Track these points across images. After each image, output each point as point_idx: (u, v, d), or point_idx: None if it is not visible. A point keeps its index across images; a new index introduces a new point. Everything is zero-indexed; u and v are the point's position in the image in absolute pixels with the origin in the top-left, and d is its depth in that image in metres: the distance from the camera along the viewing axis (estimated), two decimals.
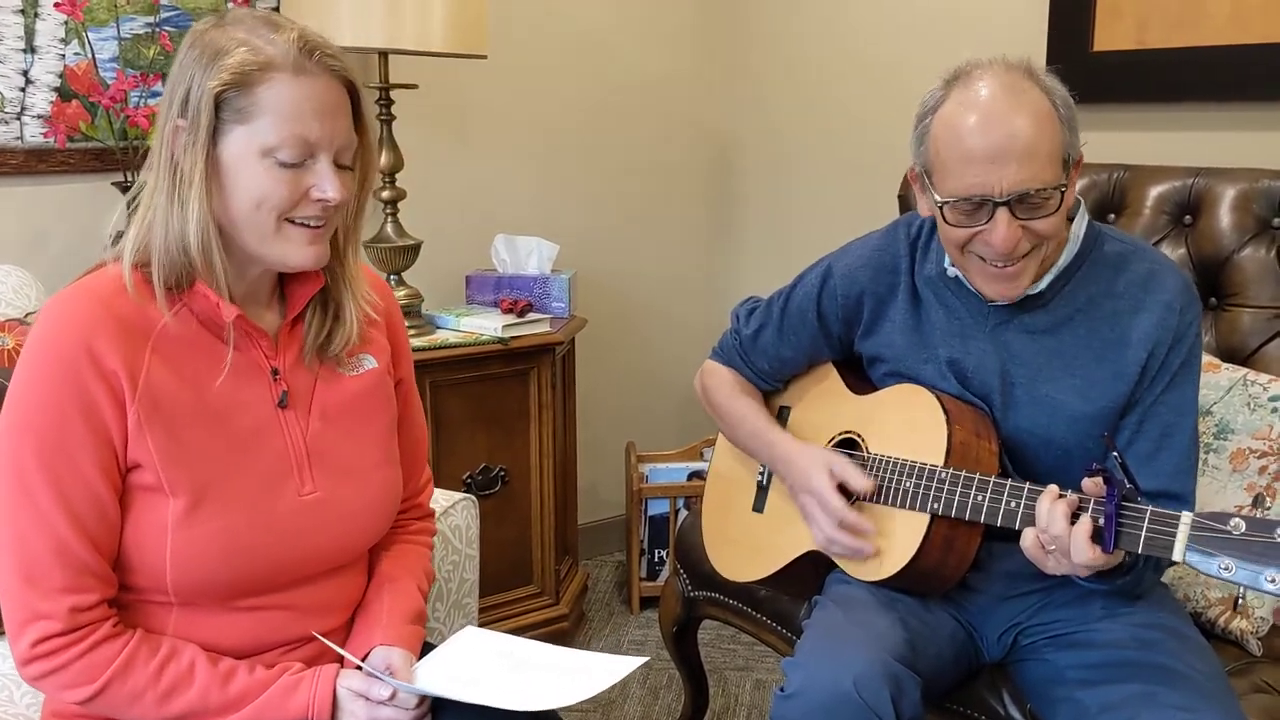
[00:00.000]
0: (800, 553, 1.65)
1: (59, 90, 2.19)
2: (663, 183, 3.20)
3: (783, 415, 1.78)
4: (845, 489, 1.55)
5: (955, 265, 1.50)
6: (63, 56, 2.18)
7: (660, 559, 2.93)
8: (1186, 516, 1.20)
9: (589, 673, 1.26)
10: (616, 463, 3.18)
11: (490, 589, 2.46)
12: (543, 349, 2.51)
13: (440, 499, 1.75)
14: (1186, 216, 1.93)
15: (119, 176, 2.18)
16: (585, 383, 2.95)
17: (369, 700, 1.21)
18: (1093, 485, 1.27)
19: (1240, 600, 1.20)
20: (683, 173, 3.24)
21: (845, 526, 1.52)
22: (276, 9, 2.42)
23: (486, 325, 2.45)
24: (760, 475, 1.78)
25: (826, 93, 2.95)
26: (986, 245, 1.39)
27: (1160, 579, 1.52)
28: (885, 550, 1.51)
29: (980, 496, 1.41)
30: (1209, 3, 2.10)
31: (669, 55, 3.14)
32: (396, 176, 2.41)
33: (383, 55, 2.32)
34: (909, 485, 1.49)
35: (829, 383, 1.73)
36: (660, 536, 2.91)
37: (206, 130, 1.14)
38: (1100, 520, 1.25)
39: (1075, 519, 1.28)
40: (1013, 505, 1.38)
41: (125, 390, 1.14)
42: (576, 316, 2.72)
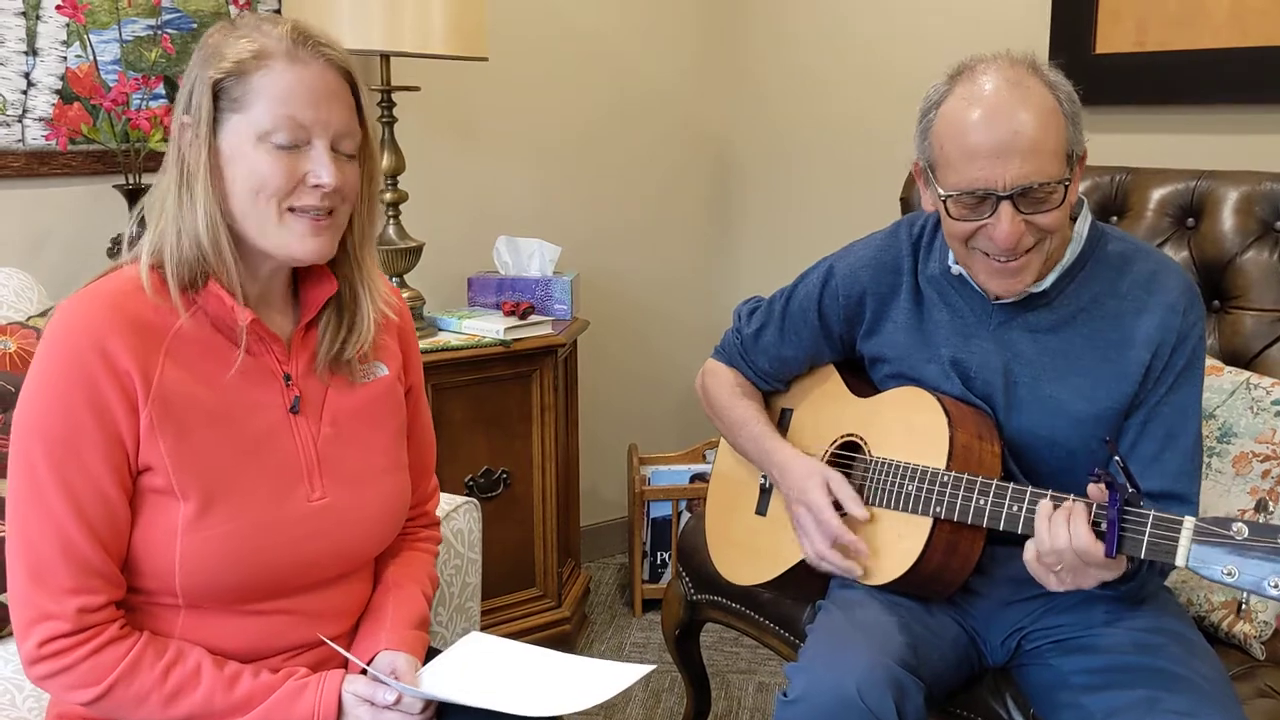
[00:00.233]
0: (803, 557, 1.65)
1: (60, 93, 2.19)
2: (664, 185, 3.20)
3: (784, 417, 1.77)
4: (839, 506, 1.54)
5: (959, 261, 1.50)
6: (64, 59, 2.18)
7: (663, 561, 2.93)
8: (1189, 521, 1.19)
9: (594, 680, 1.26)
10: (619, 465, 3.18)
11: (492, 592, 2.46)
12: (545, 351, 2.51)
13: (442, 502, 1.75)
14: (1189, 219, 1.92)
15: (120, 179, 2.18)
16: (587, 385, 2.95)
17: (374, 705, 1.21)
18: (1097, 491, 1.27)
19: (1244, 605, 1.20)
20: (684, 175, 3.23)
21: (838, 545, 1.52)
22: (278, 11, 2.42)
23: (488, 327, 2.44)
24: (763, 478, 1.77)
25: (827, 96, 2.94)
26: (990, 240, 1.39)
27: (1164, 583, 1.52)
28: (888, 555, 1.51)
29: (983, 500, 1.41)
30: (1210, 5, 2.10)
31: (670, 58, 3.14)
32: (398, 179, 2.41)
33: (384, 58, 2.33)
34: (911, 489, 1.49)
35: (830, 385, 1.72)
36: (662, 539, 2.91)
37: (207, 122, 1.17)
38: (1102, 525, 1.25)
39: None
40: (1015, 509, 1.38)
41: (138, 392, 1.15)
42: (579, 318, 2.71)
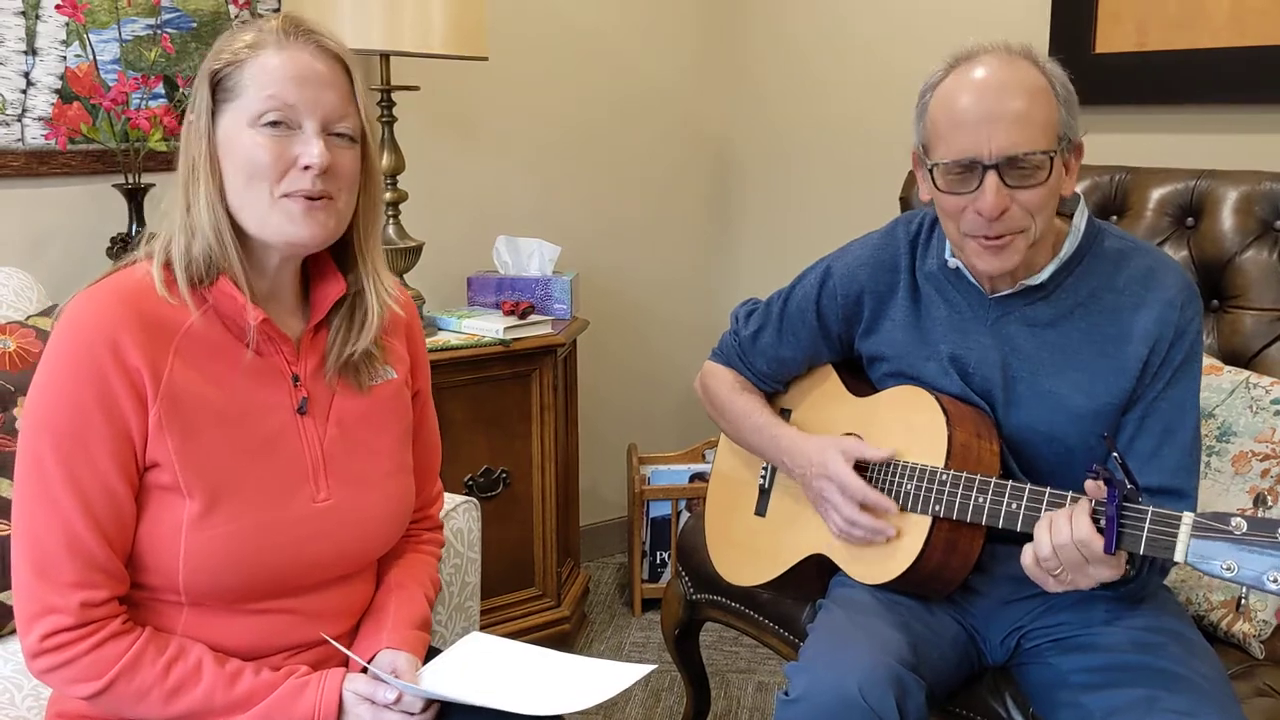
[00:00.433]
0: (803, 556, 1.65)
1: (60, 92, 2.19)
2: (664, 184, 3.20)
3: (783, 418, 1.77)
4: (859, 470, 1.54)
5: (952, 244, 1.51)
6: (64, 58, 2.18)
7: (662, 561, 2.93)
8: (1188, 517, 1.19)
9: (595, 679, 1.26)
10: (618, 464, 3.18)
11: (492, 591, 2.46)
12: (544, 351, 2.51)
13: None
14: (1189, 219, 1.93)
15: (120, 178, 2.18)
16: (587, 384, 2.95)
17: (374, 703, 1.21)
18: (1095, 488, 1.27)
19: (1243, 600, 1.19)
20: (684, 174, 3.24)
21: (867, 507, 1.52)
22: (278, 10, 2.42)
23: (488, 327, 2.44)
24: (762, 479, 1.78)
25: (827, 96, 2.95)
26: (975, 214, 1.40)
27: (1163, 582, 1.52)
28: (888, 553, 1.51)
29: (981, 498, 1.41)
30: (1210, 5, 2.10)
31: (670, 57, 3.14)
32: (398, 178, 2.41)
33: (384, 57, 2.33)
34: (910, 488, 1.49)
35: (829, 385, 1.73)
36: (662, 538, 2.91)
37: (205, 114, 1.19)
38: (1101, 522, 1.25)
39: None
40: (1014, 506, 1.38)
41: (147, 388, 1.15)
42: (578, 318, 2.71)
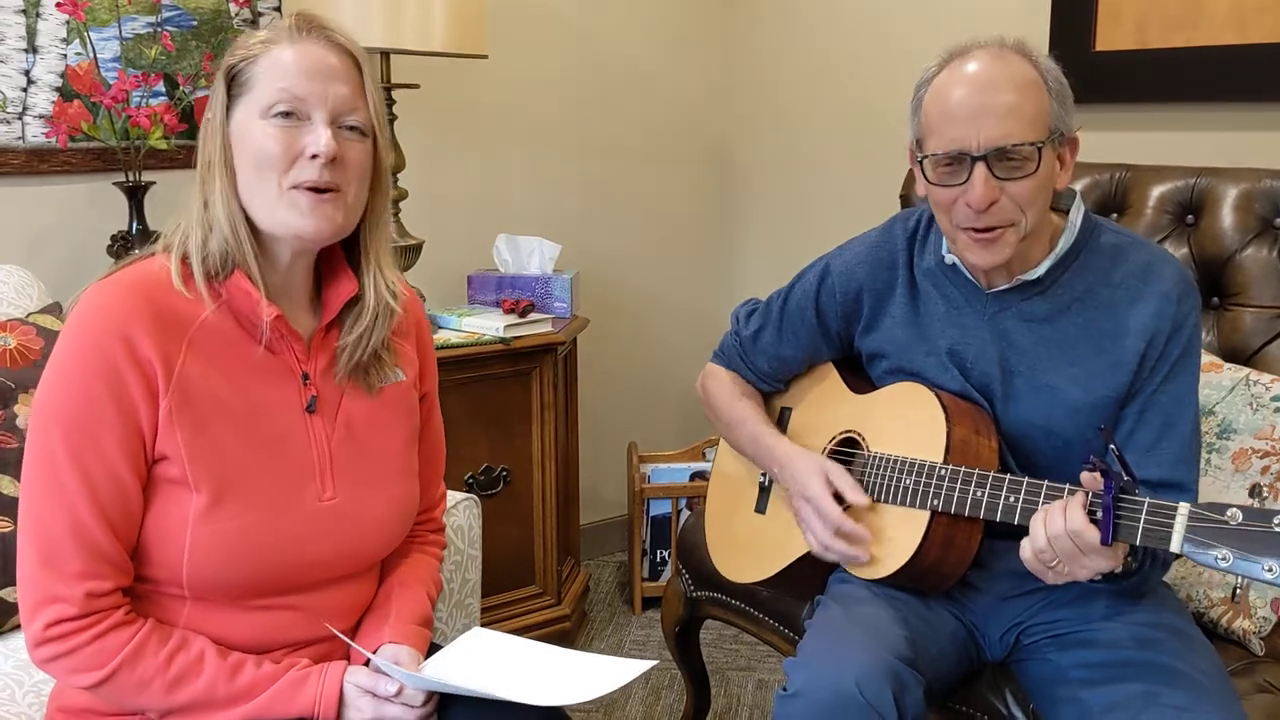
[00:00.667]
0: (802, 554, 1.65)
1: (61, 90, 2.19)
2: (665, 182, 3.20)
3: (784, 416, 1.78)
4: (840, 497, 1.54)
5: (947, 238, 1.51)
6: (64, 56, 2.19)
7: (662, 559, 2.93)
8: (1184, 507, 1.19)
9: (597, 673, 1.26)
10: (618, 463, 3.18)
11: (492, 589, 2.45)
12: (545, 349, 2.51)
13: None
14: (1189, 216, 1.93)
15: (121, 177, 2.18)
16: (587, 383, 2.95)
17: (376, 696, 1.22)
18: (1090, 480, 1.27)
19: (1238, 590, 1.19)
20: (685, 172, 3.24)
21: (841, 534, 1.52)
22: (278, 9, 2.43)
23: (488, 325, 2.45)
24: (762, 477, 1.78)
25: (831, 96, 2.95)
26: (965, 207, 1.40)
27: (1164, 577, 1.52)
28: (886, 548, 1.51)
29: (979, 492, 1.42)
30: (1210, 3, 2.10)
31: (672, 57, 3.14)
32: (398, 176, 2.41)
33: (384, 55, 2.33)
34: (908, 482, 1.49)
35: (829, 383, 1.73)
36: (662, 536, 2.91)
37: (221, 108, 1.21)
38: (1098, 513, 1.25)
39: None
40: (1012, 500, 1.38)
41: (159, 381, 1.16)
42: (578, 316, 2.72)
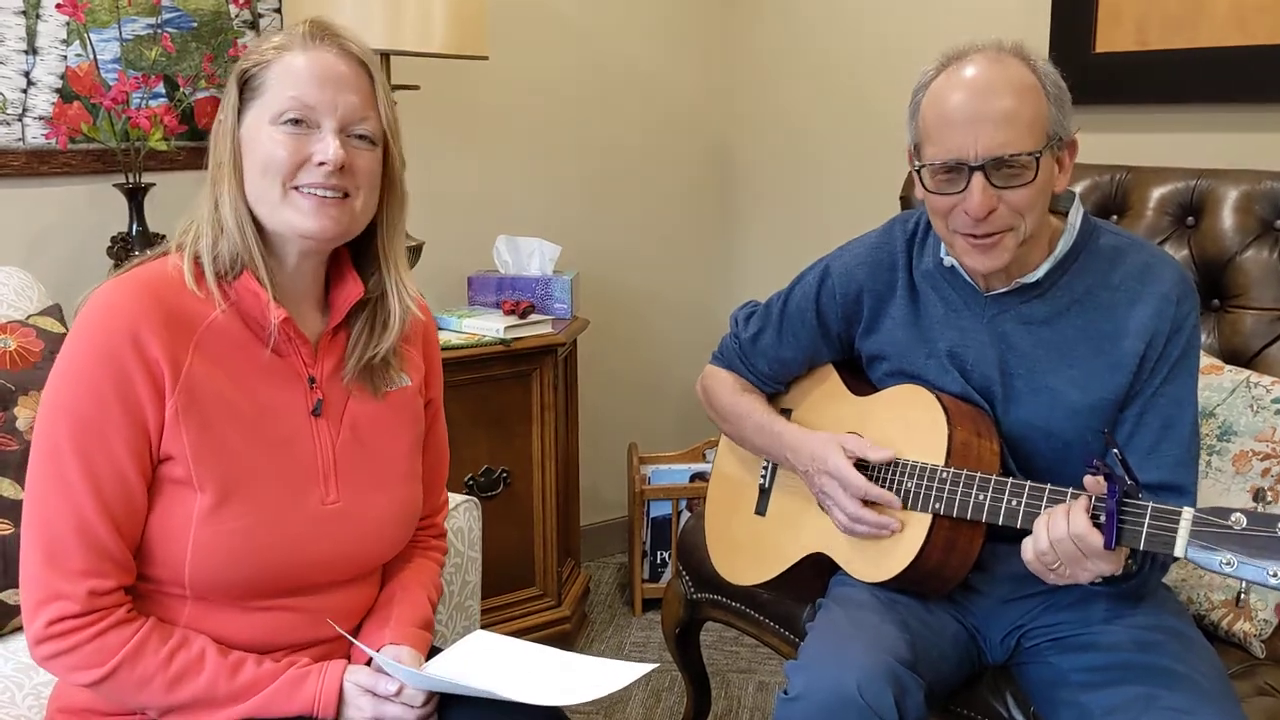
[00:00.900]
0: (803, 556, 1.65)
1: (60, 91, 2.19)
2: (665, 183, 3.20)
3: (784, 417, 1.77)
4: (861, 469, 1.54)
5: (944, 243, 1.51)
6: (64, 58, 2.19)
7: (662, 561, 2.93)
8: (1188, 512, 1.19)
9: (597, 675, 1.26)
10: (618, 464, 3.18)
11: (492, 591, 2.45)
12: (545, 350, 2.51)
13: None
14: (1189, 218, 1.92)
15: (121, 178, 2.18)
16: (587, 384, 2.95)
17: (375, 695, 1.22)
18: (1094, 484, 1.27)
19: (1242, 595, 1.19)
20: (685, 173, 3.23)
21: (870, 502, 1.52)
22: (278, 10, 2.42)
23: (488, 326, 2.44)
24: (762, 479, 1.78)
25: (831, 96, 2.95)
26: (964, 214, 1.40)
27: (1163, 579, 1.52)
28: (888, 551, 1.51)
29: (982, 496, 1.41)
30: (1210, 4, 2.10)
31: (673, 57, 3.14)
32: None
33: (384, 56, 2.33)
34: (910, 486, 1.49)
35: (829, 385, 1.73)
36: (662, 538, 2.91)
37: (233, 112, 1.22)
38: (1101, 517, 1.25)
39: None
40: (1014, 504, 1.38)
41: (166, 381, 1.17)
42: (579, 318, 2.71)
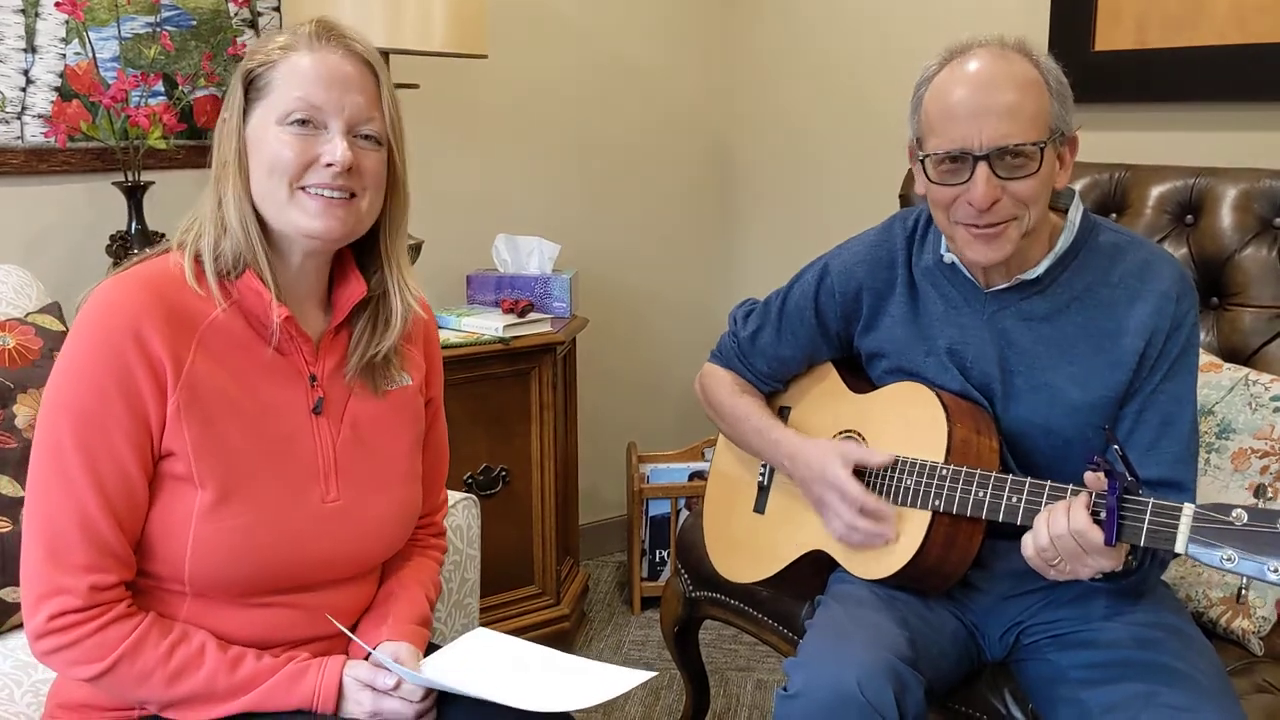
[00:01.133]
0: (801, 553, 1.65)
1: (60, 90, 2.19)
2: (664, 182, 3.20)
3: (783, 415, 1.77)
4: (859, 473, 1.54)
5: (945, 236, 1.51)
6: (63, 56, 2.19)
7: (661, 559, 2.93)
8: (1189, 508, 1.20)
9: (596, 680, 1.26)
10: (618, 463, 3.18)
11: (491, 589, 2.45)
12: (544, 349, 2.51)
13: None
14: (1188, 216, 1.93)
15: (120, 176, 2.18)
16: (586, 383, 2.94)
17: (375, 690, 1.22)
18: (1094, 480, 1.27)
19: (1243, 591, 1.19)
20: (684, 172, 3.24)
21: (866, 512, 1.52)
22: (277, 9, 2.42)
23: (488, 325, 2.44)
24: (761, 476, 1.78)
25: (831, 96, 2.95)
26: (967, 205, 1.40)
27: (1162, 576, 1.52)
28: (887, 548, 1.51)
29: (981, 492, 1.42)
30: (1209, 3, 2.10)
31: (672, 56, 3.14)
32: None
33: (384, 55, 2.33)
34: (910, 483, 1.49)
35: (829, 383, 1.72)
36: (661, 537, 2.91)
37: (238, 111, 1.22)
38: (1102, 514, 1.25)
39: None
40: (1014, 500, 1.38)
41: (168, 377, 1.17)
42: (578, 316, 2.71)
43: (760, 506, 1.76)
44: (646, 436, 3.19)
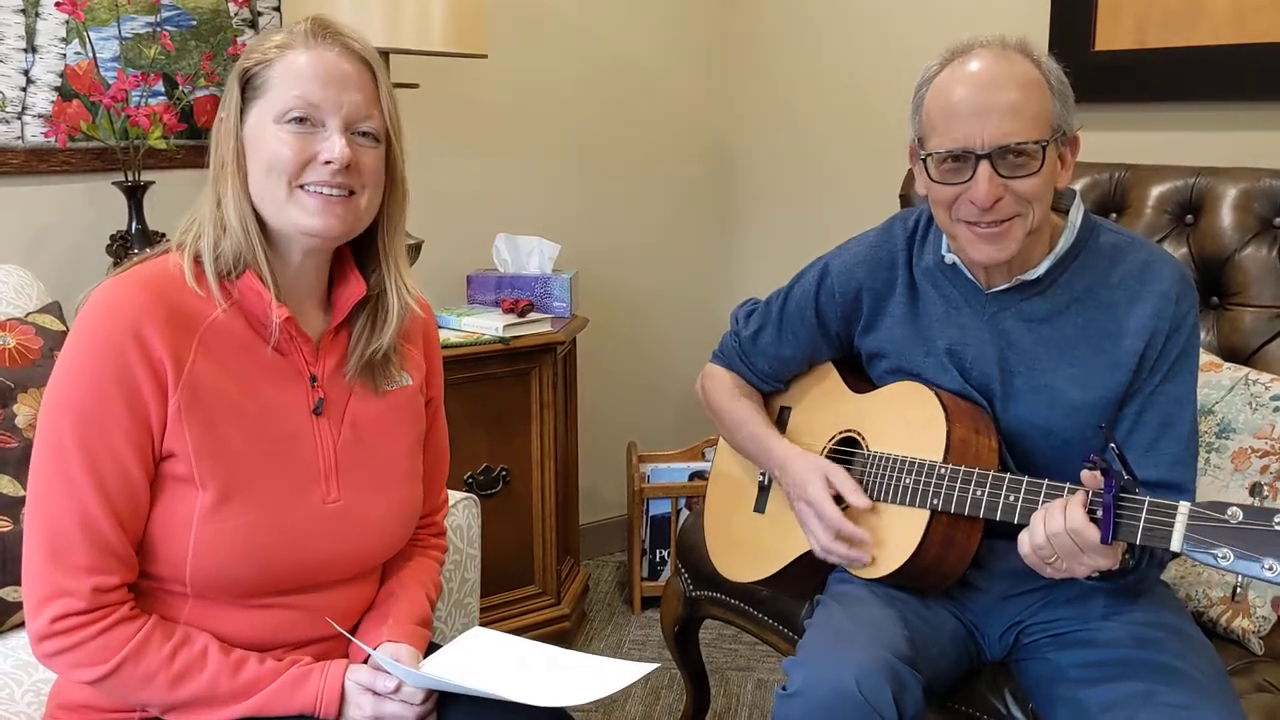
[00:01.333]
0: (801, 553, 1.65)
1: (60, 90, 2.19)
2: (665, 181, 3.20)
3: (783, 415, 1.78)
4: (840, 498, 1.55)
5: (947, 236, 1.51)
6: (64, 56, 2.19)
7: (662, 559, 2.93)
8: (1184, 506, 1.20)
9: (597, 675, 1.26)
10: (618, 463, 3.18)
11: (491, 589, 2.45)
12: (544, 349, 2.51)
13: None
14: (1188, 216, 1.93)
15: (120, 176, 2.18)
16: (586, 382, 2.95)
17: (376, 693, 1.22)
18: (1091, 479, 1.27)
19: (1239, 589, 1.19)
20: (685, 171, 3.24)
21: (842, 536, 1.53)
22: (277, 9, 2.42)
23: (488, 325, 2.45)
24: (761, 477, 1.78)
25: (831, 96, 2.95)
26: (970, 204, 1.40)
27: (1161, 576, 1.52)
28: (886, 547, 1.51)
29: (979, 491, 1.42)
30: (1209, 2, 2.10)
31: (672, 54, 3.14)
32: None
33: (383, 55, 2.33)
34: (908, 481, 1.49)
35: (829, 382, 1.73)
36: (662, 536, 2.91)
37: (235, 110, 1.22)
38: (1098, 512, 1.25)
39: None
40: (1012, 499, 1.38)
41: (169, 377, 1.17)
42: (578, 316, 2.71)
43: (760, 506, 1.77)
44: (647, 436, 3.19)
